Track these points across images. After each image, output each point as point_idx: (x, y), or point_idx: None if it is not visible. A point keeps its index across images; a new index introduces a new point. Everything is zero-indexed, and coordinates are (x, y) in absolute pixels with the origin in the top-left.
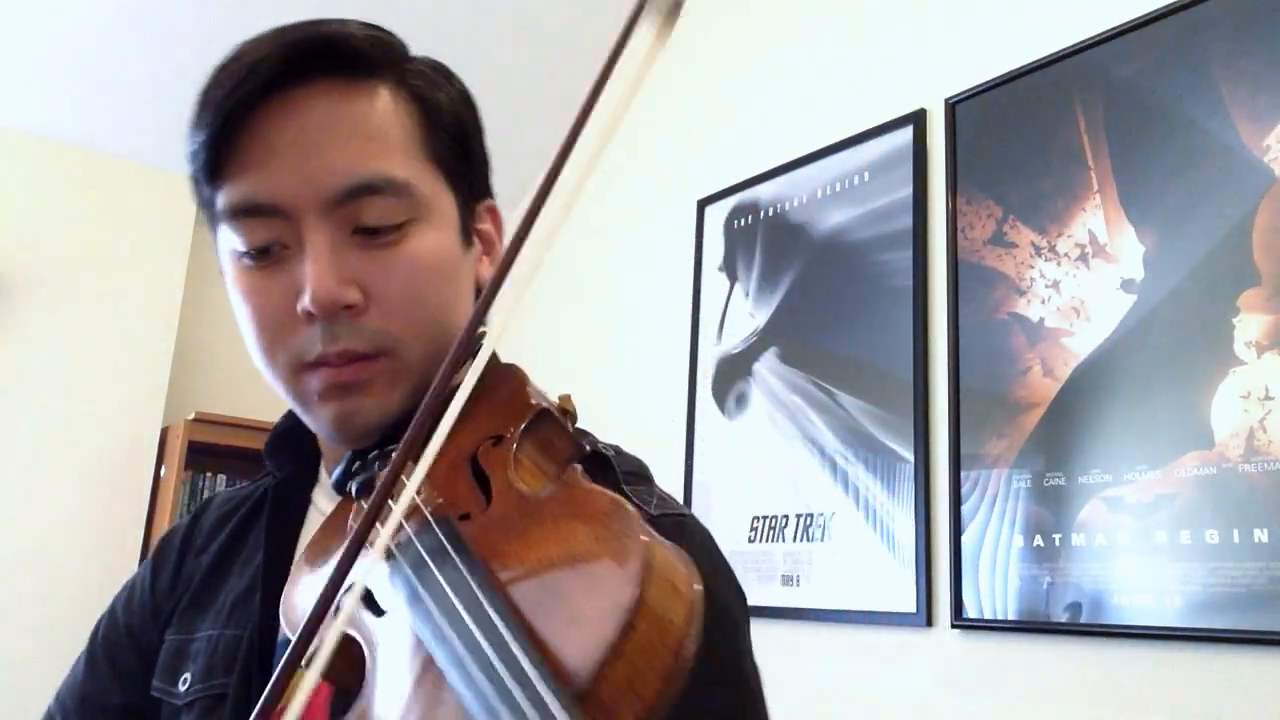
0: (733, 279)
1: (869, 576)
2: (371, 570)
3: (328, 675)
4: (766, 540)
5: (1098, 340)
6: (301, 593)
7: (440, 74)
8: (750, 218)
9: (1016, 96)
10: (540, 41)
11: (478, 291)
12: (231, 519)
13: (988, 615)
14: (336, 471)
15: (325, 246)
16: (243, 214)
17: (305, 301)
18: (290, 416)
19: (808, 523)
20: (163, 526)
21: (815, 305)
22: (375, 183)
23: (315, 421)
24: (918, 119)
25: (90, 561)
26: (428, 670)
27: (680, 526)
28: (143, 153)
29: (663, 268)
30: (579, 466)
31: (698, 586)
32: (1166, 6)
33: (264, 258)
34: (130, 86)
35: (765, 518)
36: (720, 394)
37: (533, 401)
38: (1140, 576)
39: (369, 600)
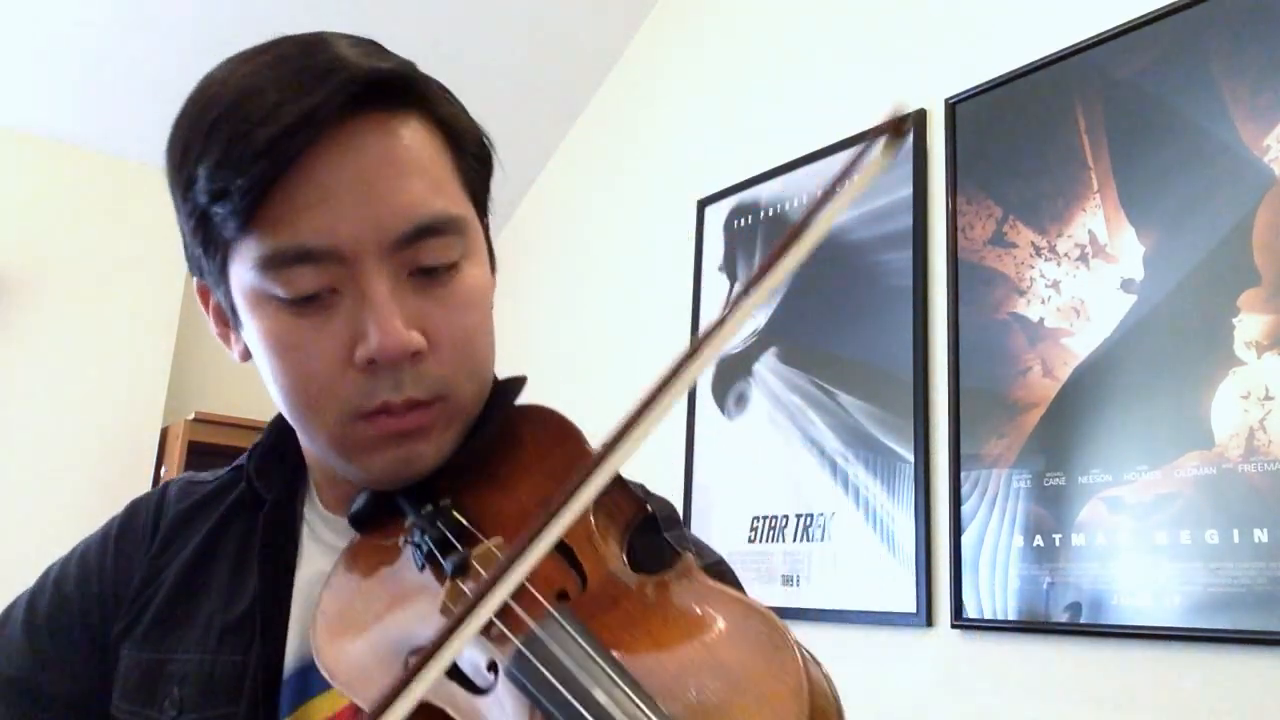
0: (733, 279)
1: (869, 577)
2: (466, 648)
3: None
4: (766, 540)
5: (1098, 340)
6: (356, 650)
7: (447, 92)
8: (750, 218)
9: (1016, 96)
10: (534, 45)
11: None
12: (198, 521)
13: (988, 615)
14: (356, 504)
15: (388, 292)
16: (290, 260)
17: (371, 350)
18: (274, 432)
19: (808, 523)
20: None
21: (815, 305)
22: (437, 223)
23: (361, 469)
24: (918, 119)
25: None
26: None
27: (721, 574)
28: (143, 153)
29: (663, 268)
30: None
31: (831, 691)
32: (1166, 6)
33: (309, 306)
34: (130, 86)
35: (765, 518)
36: (720, 394)
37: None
38: (1140, 576)
39: (454, 672)
